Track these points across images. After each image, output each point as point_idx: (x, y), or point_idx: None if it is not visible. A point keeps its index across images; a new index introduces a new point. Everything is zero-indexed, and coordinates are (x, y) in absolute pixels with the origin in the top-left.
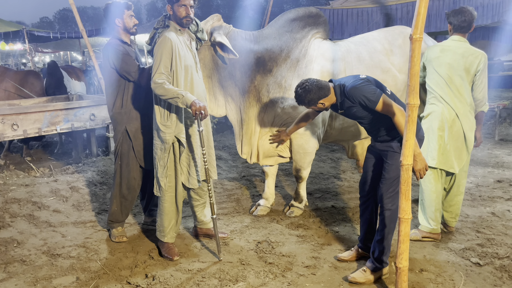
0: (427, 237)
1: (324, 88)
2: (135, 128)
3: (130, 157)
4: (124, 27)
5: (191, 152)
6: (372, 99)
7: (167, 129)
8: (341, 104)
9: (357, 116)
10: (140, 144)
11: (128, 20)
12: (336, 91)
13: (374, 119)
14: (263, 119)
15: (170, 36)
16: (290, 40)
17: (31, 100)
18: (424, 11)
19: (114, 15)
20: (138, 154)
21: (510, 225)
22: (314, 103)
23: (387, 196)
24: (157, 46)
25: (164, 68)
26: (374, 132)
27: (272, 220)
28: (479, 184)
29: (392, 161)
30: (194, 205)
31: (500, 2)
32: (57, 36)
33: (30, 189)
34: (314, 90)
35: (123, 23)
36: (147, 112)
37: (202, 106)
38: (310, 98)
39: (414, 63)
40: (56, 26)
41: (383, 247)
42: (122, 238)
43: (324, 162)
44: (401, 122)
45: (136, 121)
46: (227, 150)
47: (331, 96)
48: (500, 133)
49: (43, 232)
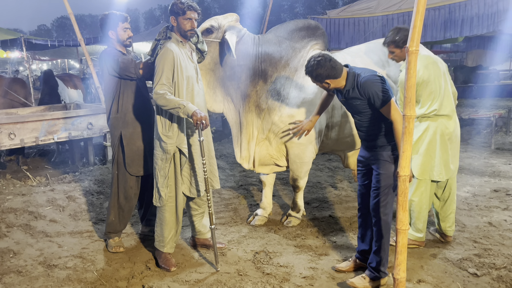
0: (411, 244)
1: (337, 69)
2: (129, 133)
3: (126, 163)
4: (117, 39)
5: (193, 162)
6: (382, 99)
7: (168, 139)
8: (347, 92)
9: (357, 110)
10: (132, 150)
11: (122, 33)
12: (349, 77)
13: (373, 119)
14: (261, 125)
15: (172, 47)
16: (289, 49)
17: (28, 109)
18: (420, 24)
19: (108, 27)
20: (127, 160)
21: (507, 235)
22: (320, 80)
23: (380, 206)
24: (159, 57)
25: (166, 79)
26: (366, 133)
27: (270, 230)
28: (475, 193)
29: (383, 170)
30: (192, 215)
31: (495, 12)
32: (55, 44)
33: (26, 199)
34: (326, 66)
35: (117, 36)
36: (143, 117)
37: (204, 116)
38: (319, 73)
39: (411, 75)
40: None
41: (381, 258)
42: (119, 248)
43: (321, 171)
44: (399, 128)
45: (130, 126)
46: (225, 159)
47: (340, 79)
48: (497, 142)
49: (39, 242)
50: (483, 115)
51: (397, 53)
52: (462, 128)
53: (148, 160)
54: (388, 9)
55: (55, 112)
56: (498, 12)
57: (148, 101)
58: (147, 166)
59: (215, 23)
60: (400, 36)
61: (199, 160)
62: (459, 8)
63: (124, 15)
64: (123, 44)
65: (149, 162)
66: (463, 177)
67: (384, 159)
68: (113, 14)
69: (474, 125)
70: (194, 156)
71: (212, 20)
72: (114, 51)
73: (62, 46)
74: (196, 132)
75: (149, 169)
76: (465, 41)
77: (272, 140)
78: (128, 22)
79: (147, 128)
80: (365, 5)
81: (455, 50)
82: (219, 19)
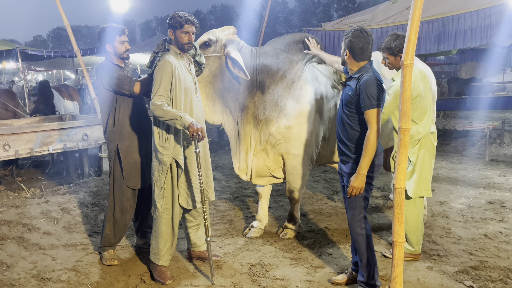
0: (407, 258)
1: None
2: (126, 146)
3: (123, 176)
4: (114, 53)
5: (189, 174)
6: (369, 102)
7: (165, 150)
8: (350, 78)
9: (346, 101)
10: (129, 163)
11: (119, 46)
12: (362, 69)
13: (354, 120)
14: (258, 137)
15: (170, 59)
16: (286, 61)
17: (23, 120)
18: (415, 38)
19: (106, 40)
20: (125, 173)
21: (502, 247)
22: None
23: (354, 219)
24: (157, 69)
25: (164, 90)
26: (342, 133)
27: (266, 242)
28: (471, 205)
29: (348, 183)
30: (188, 227)
31: (488, 26)
32: (51, 54)
33: (20, 211)
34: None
35: (114, 49)
36: (140, 130)
37: (200, 128)
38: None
39: (406, 88)
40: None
41: (368, 271)
42: (114, 261)
43: (317, 182)
44: (371, 140)
45: (127, 140)
46: (221, 171)
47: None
48: (491, 154)
49: (33, 255)
50: (477, 127)
51: (391, 60)
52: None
53: (145, 173)
54: (383, 22)
55: (50, 123)
56: (491, 25)
57: (146, 114)
58: (144, 178)
59: (213, 36)
60: (396, 44)
61: (195, 171)
62: (452, 21)
63: (122, 27)
64: (120, 57)
65: (146, 175)
66: (458, 189)
67: (350, 171)
68: (110, 27)
69: (468, 137)
70: (190, 167)
71: (210, 33)
72: (111, 65)
73: (58, 57)
74: (193, 144)
75: (147, 181)
76: (459, 53)
77: (270, 151)
78: (126, 34)
79: (144, 141)
80: (360, 18)
81: (449, 62)
82: (217, 33)
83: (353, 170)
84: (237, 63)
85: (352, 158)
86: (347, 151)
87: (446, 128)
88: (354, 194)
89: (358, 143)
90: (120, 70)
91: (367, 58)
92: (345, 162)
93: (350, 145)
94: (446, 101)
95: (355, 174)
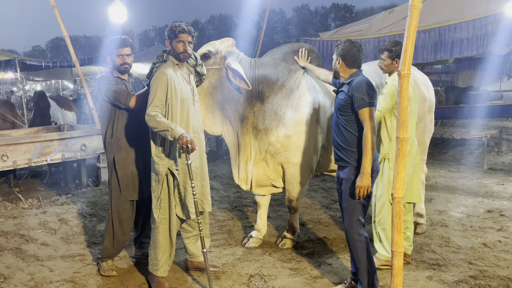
0: (385, 265)
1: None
2: (122, 158)
3: (120, 188)
4: (113, 65)
5: (185, 184)
6: (362, 102)
7: (161, 160)
8: (342, 85)
9: (340, 106)
10: (126, 174)
11: (116, 59)
12: (353, 75)
13: (350, 123)
14: (258, 146)
15: (166, 70)
16: (285, 70)
17: (21, 130)
18: (411, 48)
19: (107, 51)
20: (122, 184)
21: (502, 256)
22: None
23: (352, 226)
24: (153, 80)
25: (159, 101)
26: (338, 138)
27: (265, 252)
28: (469, 214)
29: (345, 188)
30: (186, 237)
31: (484, 35)
32: (49, 65)
33: (18, 221)
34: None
35: (112, 62)
36: (138, 142)
37: (189, 140)
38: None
39: (403, 98)
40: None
41: (367, 279)
42: (112, 272)
43: (316, 192)
44: (368, 137)
45: (124, 151)
46: (219, 180)
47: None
48: (489, 162)
49: (30, 266)
50: (475, 136)
51: (387, 63)
52: (454, 148)
53: (143, 185)
54: (380, 32)
55: (48, 134)
56: (487, 34)
57: (144, 126)
58: (142, 190)
59: (213, 48)
60: (396, 49)
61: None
62: (449, 30)
63: (122, 40)
64: (118, 70)
65: (143, 186)
66: (457, 197)
67: (348, 176)
68: (113, 39)
69: (466, 146)
70: (185, 178)
71: (210, 45)
72: (110, 77)
73: (56, 67)
74: (184, 155)
75: (144, 193)
76: (456, 62)
77: (269, 160)
78: (128, 47)
79: (142, 152)
80: (357, 28)
81: (446, 71)
82: (216, 44)
83: (350, 175)
84: (238, 74)
85: (349, 163)
86: (344, 156)
87: (444, 136)
88: (362, 194)
89: (356, 146)
90: (119, 83)
91: (358, 66)
92: (342, 168)
93: (348, 149)
94: (443, 110)
95: (359, 174)
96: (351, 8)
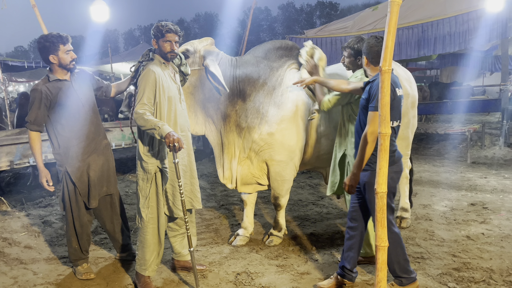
0: (361, 261)
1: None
2: (76, 168)
3: (77, 194)
4: (59, 64)
5: (174, 182)
6: (376, 103)
7: (149, 159)
8: (367, 83)
9: (362, 107)
10: (85, 183)
11: (65, 56)
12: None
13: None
14: (242, 144)
15: (154, 68)
16: (267, 68)
17: (2, 132)
18: (392, 44)
19: (48, 51)
20: (84, 196)
21: (485, 248)
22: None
23: None
24: (141, 78)
25: (147, 99)
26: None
27: (252, 250)
28: (453, 207)
29: (369, 195)
30: (172, 236)
31: (466, 31)
32: (32, 65)
33: (0, 225)
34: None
35: (59, 60)
36: (91, 147)
37: (176, 138)
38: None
39: (384, 94)
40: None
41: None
42: (89, 275)
43: (303, 188)
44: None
45: (76, 160)
46: (206, 179)
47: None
48: (472, 156)
49: (13, 270)
50: (458, 130)
51: (350, 60)
52: (438, 143)
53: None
54: (363, 29)
55: None
56: (468, 30)
57: (98, 126)
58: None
59: (191, 47)
60: (359, 46)
61: (181, 180)
62: (431, 27)
63: (66, 35)
64: (66, 69)
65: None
66: (441, 191)
67: (369, 180)
68: (52, 35)
69: (449, 140)
70: (173, 176)
71: (188, 44)
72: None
73: (39, 67)
74: (171, 154)
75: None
76: (439, 58)
77: (254, 158)
78: (70, 43)
79: (98, 156)
80: (342, 25)
81: (430, 67)
82: (195, 44)
83: (372, 179)
84: (215, 78)
85: (370, 166)
86: None
87: (428, 131)
88: (347, 191)
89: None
90: (39, 100)
91: None
92: (364, 170)
93: None
94: (427, 105)
95: None
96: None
